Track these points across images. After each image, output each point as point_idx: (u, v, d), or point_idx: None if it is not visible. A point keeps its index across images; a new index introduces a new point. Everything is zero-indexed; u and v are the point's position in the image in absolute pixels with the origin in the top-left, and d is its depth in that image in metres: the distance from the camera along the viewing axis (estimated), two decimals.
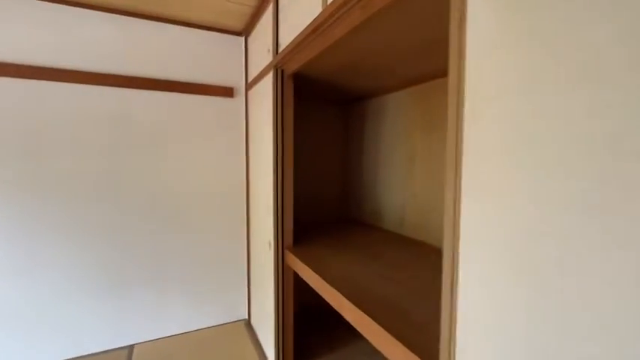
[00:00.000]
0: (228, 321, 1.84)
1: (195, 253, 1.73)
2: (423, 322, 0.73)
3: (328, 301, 0.92)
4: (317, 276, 0.99)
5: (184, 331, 1.74)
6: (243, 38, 1.76)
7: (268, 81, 1.35)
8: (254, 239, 1.73)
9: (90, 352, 1.54)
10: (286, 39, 1.16)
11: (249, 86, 1.72)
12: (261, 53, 1.46)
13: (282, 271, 1.33)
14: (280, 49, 1.23)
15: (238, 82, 1.77)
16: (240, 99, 1.77)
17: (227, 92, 1.73)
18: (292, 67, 1.20)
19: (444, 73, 1.22)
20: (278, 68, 1.27)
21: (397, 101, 1.54)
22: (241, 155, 1.80)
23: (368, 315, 0.75)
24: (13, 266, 1.39)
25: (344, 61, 1.14)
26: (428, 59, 1.10)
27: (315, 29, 0.94)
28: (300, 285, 1.32)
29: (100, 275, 1.53)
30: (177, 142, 1.65)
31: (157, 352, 1.59)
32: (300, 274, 1.14)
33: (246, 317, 1.88)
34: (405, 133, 1.50)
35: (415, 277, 0.99)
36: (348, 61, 1.13)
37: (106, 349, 1.57)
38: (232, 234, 1.81)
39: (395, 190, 1.57)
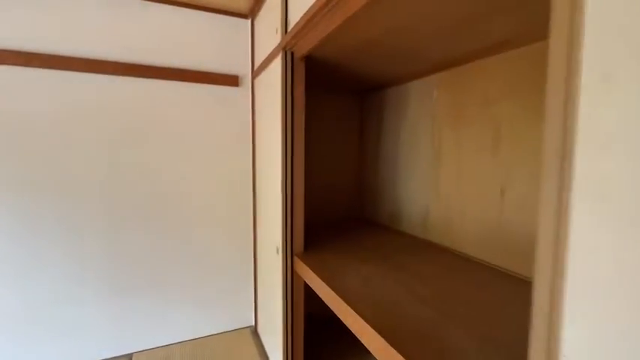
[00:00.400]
0: (234, 328, 1.71)
1: (198, 256, 1.60)
2: (463, 355, 0.57)
3: (347, 324, 0.78)
4: (332, 292, 0.84)
5: (187, 338, 1.62)
6: (249, 21, 1.60)
7: (276, 66, 1.20)
8: (261, 242, 1.59)
9: None
10: (297, 14, 1.00)
11: (255, 74, 1.57)
12: (269, 35, 1.31)
13: (291, 280, 1.18)
14: (290, 28, 1.07)
15: (244, 70, 1.62)
16: (245, 88, 1.62)
17: (232, 81, 1.59)
18: (303, 48, 1.04)
19: (485, 52, 1.05)
20: (287, 50, 1.12)
21: (421, 90, 1.37)
22: (247, 150, 1.66)
23: (396, 350, 0.60)
24: (13, 268, 1.28)
25: (363, 40, 0.97)
26: (472, 33, 0.92)
27: None
28: (307, 289, 1.18)
29: (98, 279, 1.42)
30: (177, 135, 1.51)
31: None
32: (313, 286, 1.00)
33: (253, 324, 1.75)
34: (429, 127, 1.33)
35: (449, 294, 0.83)
36: (367, 39, 0.96)
37: (105, 357, 1.46)
38: (237, 235, 1.68)
39: (417, 189, 1.41)
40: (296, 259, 1.16)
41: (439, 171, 1.28)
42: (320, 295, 0.94)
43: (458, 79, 1.19)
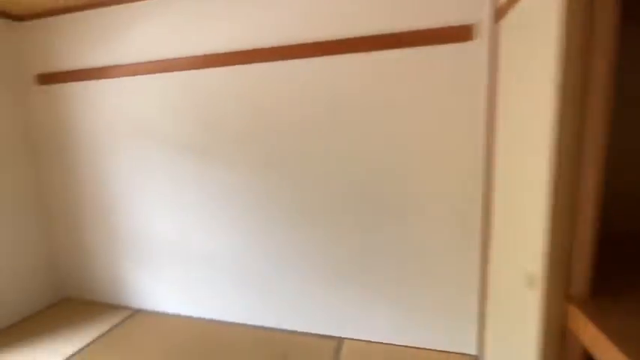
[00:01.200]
0: (445, 349, 1.39)
1: (409, 254, 1.37)
2: None
3: None
4: None
5: (394, 342, 1.45)
6: None
7: None
8: (496, 255, 1.16)
9: (298, 330, 1.57)
10: None
11: (499, 14, 1.09)
12: None
13: (558, 344, 0.72)
14: None
15: (478, 15, 1.16)
16: (481, 41, 1.17)
17: (460, 34, 1.18)
18: None
19: None
20: None
21: None
22: (478, 126, 1.22)
23: None
24: (256, 242, 1.55)
25: None
26: None
27: None
28: None
29: (318, 261, 1.48)
30: (385, 114, 1.29)
31: (367, 355, 1.39)
32: None
33: (475, 353, 1.36)
34: None
35: None
36: None
37: (314, 332, 1.55)
38: (459, 236, 1.30)
39: None
40: (573, 310, 0.68)
41: None
42: None
43: None
